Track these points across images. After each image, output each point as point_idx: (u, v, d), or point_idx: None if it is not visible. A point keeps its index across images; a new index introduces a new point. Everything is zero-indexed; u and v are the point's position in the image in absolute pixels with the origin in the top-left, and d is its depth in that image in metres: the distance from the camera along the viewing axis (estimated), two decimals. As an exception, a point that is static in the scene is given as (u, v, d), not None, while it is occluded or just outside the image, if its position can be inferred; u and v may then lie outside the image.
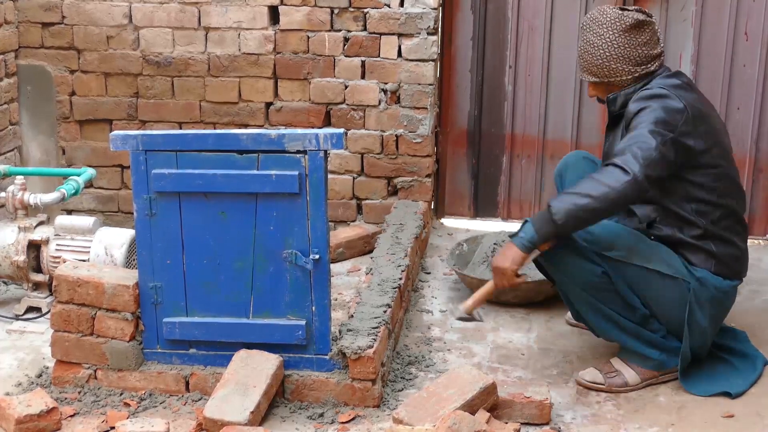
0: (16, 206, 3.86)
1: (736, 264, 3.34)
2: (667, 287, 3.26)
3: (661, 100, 3.18)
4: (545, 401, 3.06)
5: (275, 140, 3.02)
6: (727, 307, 3.39)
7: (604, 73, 3.34)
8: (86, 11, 4.60)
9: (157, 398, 3.20)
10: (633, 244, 3.25)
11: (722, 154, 3.26)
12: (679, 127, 3.13)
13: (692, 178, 3.20)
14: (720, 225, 3.26)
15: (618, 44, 3.29)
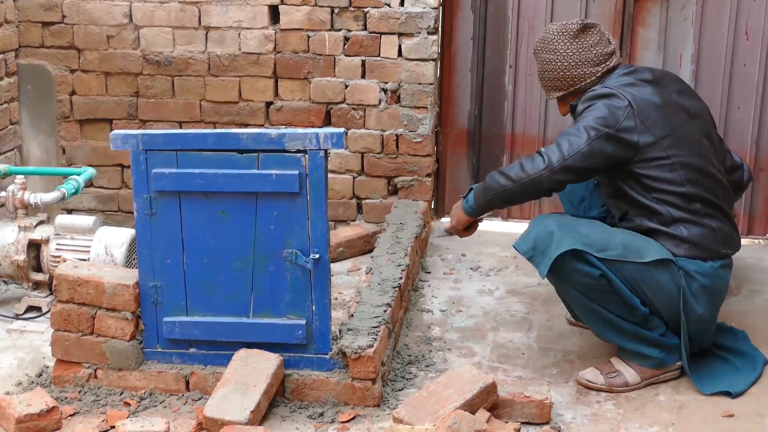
0: (17, 205, 3.86)
1: (712, 243, 3.30)
2: (663, 277, 3.26)
3: (605, 99, 3.28)
4: (545, 401, 3.06)
5: (275, 140, 3.02)
6: (718, 289, 3.34)
7: (568, 84, 3.44)
8: (86, 11, 4.60)
9: (158, 398, 3.20)
10: (625, 241, 3.26)
11: (677, 143, 3.27)
12: (621, 124, 3.22)
13: (644, 170, 3.26)
14: (686, 210, 3.28)
15: (572, 51, 3.41)
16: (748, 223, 4.67)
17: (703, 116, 3.43)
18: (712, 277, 3.29)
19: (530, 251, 3.23)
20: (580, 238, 3.20)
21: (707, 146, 3.37)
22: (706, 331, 3.36)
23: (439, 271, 4.34)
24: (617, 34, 4.52)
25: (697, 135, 3.35)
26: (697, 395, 3.28)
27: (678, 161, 3.26)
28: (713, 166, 3.35)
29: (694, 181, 3.27)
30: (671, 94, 3.37)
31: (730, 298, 4.05)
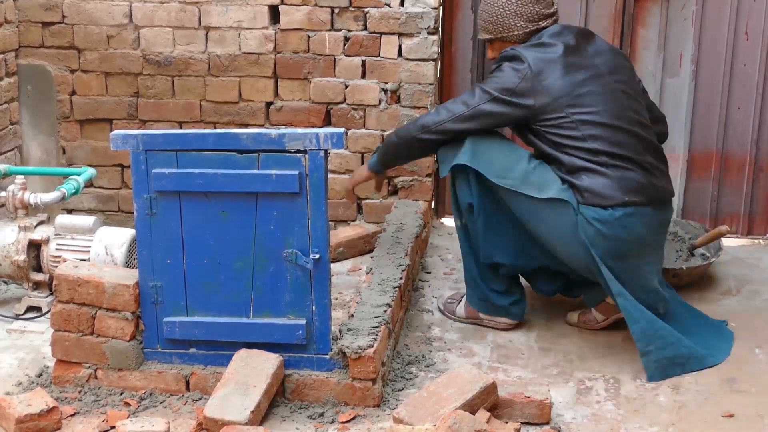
0: (17, 206, 3.86)
1: (612, 191, 3.38)
2: (560, 218, 3.41)
3: (509, 62, 3.47)
4: (545, 401, 3.06)
5: (275, 140, 3.02)
6: (621, 237, 3.38)
7: (497, 29, 3.61)
8: (86, 11, 4.60)
9: (158, 398, 3.20)
10: (528, 173, 3.45)
11: (577, 101, 3.41)
12: (517, 86, 3.42)
13: (545, 128, 3.43)
14: (590, 161, 3.40)
15: (512, 1, 3.57)
16: (748, 223, 4.67)
17: (615, 72, 3.54)
18: (611, 225, 3.37)
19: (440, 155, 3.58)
20: (483, 158, 3.45)
21: (619, 100, 3.48)
22: (632, 283, 3.44)
23: (439, 271, 4.34)
24: (617, 34, 4.52)
25: (607, 89, 3.47)
26: (696, 395, 3.28)
27: (578, 119, 3.40)
28: (627, 120, 3.47)
29: (597, 136, 3.40)
30: (582, 54, 3.51)
31: (730, 298, 4.06)
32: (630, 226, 3.39)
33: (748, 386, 3.35)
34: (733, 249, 4.55)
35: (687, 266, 4.10)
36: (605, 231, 3.36)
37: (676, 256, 4.22)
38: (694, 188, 4.66)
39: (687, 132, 4.60)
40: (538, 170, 3.45)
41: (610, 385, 3.35)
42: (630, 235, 3.40)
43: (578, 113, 3.41)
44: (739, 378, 3.40)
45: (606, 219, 3.36)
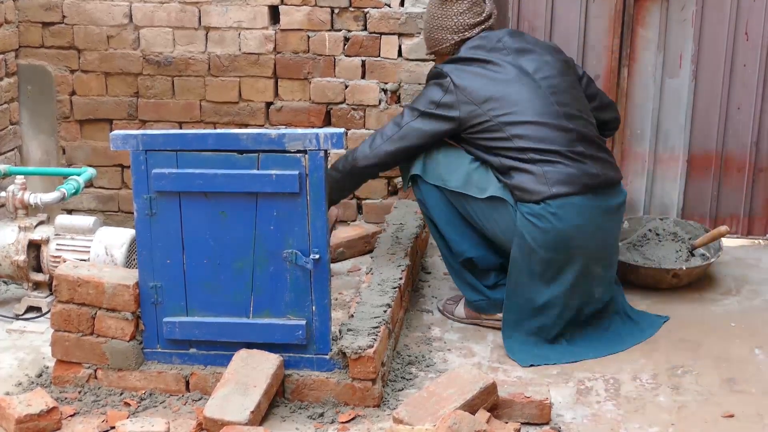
0: (17, 206, 3.86)
1: (539, 185, 3.46)
2: (500, 216, 3.54)
3: (434, 79, 3.62)
4: (545, 401, 3.06)
5: (275, 140, 3.02)
6: (558, 228, 3.45)
7: (431, 44, 3.78)
8: (86, 11, 4.60)
9: (158, 398, 3.20)
10: (470, 175, 3.57)
11: (500, 106, 3.52)
12: (441, 100, 3.55)
13: (474, 135, 3.55)
14: (518, 159, 3.50)
15: (437, 15, 3.72)
16: (747, 224, 4.67)
17: (540, 70, 3.62)
18: (546, 218, 3.45)
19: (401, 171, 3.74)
20: (430, 165, 3.61)
21: (540, 97, 3.56)
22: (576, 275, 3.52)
23: (439, 271, 4.34)
24: (617, 34, 4.52)
25: (527, 90, 3.55)
26: (696, 396, 3.28)
27: (501, 121, 3.51)
28: (552, 115, 3.54)
29: (522, 135, 3.50)
30: (503, 58, 3.61)
31: (730, 298, 4.06)
32: (564, 216, 3.46)
33: (748, 386, 3.35)
34: (732, 249, 4.55)
35: (687, 266, 4.10)
36: (541, 225, 3.45)
37: (676, 256, 4.22)
38: (693, 188, 4.66)
39: (687, 132, 4.60)
40: (478, 171, 3.58)
41: (609, 386, 3.35)
42: (565, 225, 3.46)
43: (501, 115, 3.52)
44: (739, 378, 3.40)
45: (539, 213, 3.46)
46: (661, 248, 4.24)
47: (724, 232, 4.19)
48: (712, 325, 3.81)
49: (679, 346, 3.63)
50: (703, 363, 3.51)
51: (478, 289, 3.72)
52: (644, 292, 4.03)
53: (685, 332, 3.74)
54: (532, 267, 3.51)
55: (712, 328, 3.78)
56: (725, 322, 3.84)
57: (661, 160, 4.64)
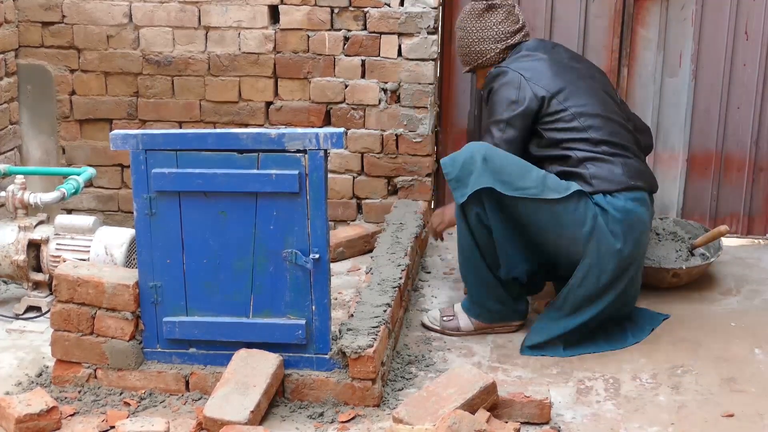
0: (16, 205, 3.86)
1: (619, 176, 3.49)
2: (579, 210, 3.46)
3: (499, 79, 3.63)
4: (545, 401, 3.06)
5: (275, 139, 3.02)
6: (632, 223, 3.48)
7: (473, 59, 3.81)
8: (86, 10, 4.60)
9: (157, 397, 3.20)
10: (544, 178, 3.48)
11: (572, 96, 3.56)
12: (518, 98, 3.56)
13: (546, 127, 3.56)
14: (592, 151, 3.51)
15: (476, 28, 3.78)
16: (748, 223, 4.67)
17: (596, 77, 3.75)
18: (623, 210, 3.46)
19: (454, 176, 3.50)
20: (500, 175, 3.45)
21: (605, 98, 3.66)
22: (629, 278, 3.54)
23: (439, 271, 4.34)
24: (617, 34, 4.52)
25: (593, 88, 3.65)
26: (696, 395, 3.28)
27: (576, 111, 3.54)
28: (615, 114, 3.61)
29: (596, 127, 3.53)
30: (562, 59, 3.71)
31: (730, 298, 4.06)
32: (637, 211, 3.50)
33: (748, 386, 3.35)
34: (732, 249, 4.55)
35: (687, 266, 4.10)
36: (619, 216, 3.45)
37: (676, 256, 4.22)
38: (693, 188, 4.66)
39: (687, 132, 4.60)
40: (549, 176, 3.50)
41: (609, 385, 3.35)
42: (637, 222, 3.50)
43: (575, 105, 3.55)
44: (739, 378, 3.40)
45: (617, 204, 3.46)
46: (661, 248, 4.24)
47: (724, 231, 4.19)
48: (712, 325, 3.81)
49: (679, 346, 3.63)
50: (703, 363, 3.51)
51: (503, 301, 3.66)
52: (644, 291, 4.02)
53: (685, 332, 3.74)
54: (605, 266, 3.48)
55: (712, 328, 3.78)
56: (725, 321, 3.84)
57: (660, 160, 4.65)
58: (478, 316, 3.70)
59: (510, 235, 3.54)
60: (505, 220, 3.52)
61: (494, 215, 3.51)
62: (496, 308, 3.67)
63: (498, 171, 3.45)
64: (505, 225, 3.53)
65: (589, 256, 3.49)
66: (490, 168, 3.45)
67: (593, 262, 3.50)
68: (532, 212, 3.48)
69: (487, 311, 3.68)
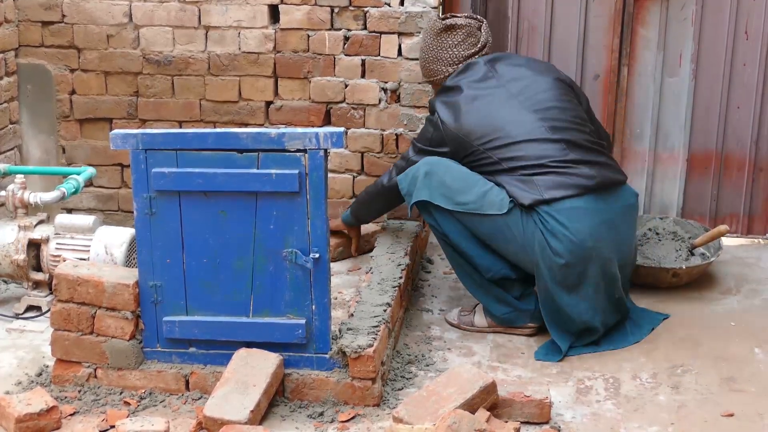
0: (16, 205, 3.86)
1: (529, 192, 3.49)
2: (523, 223, 3.48)
3: (429, 114, 3.74)
4: (545, 400, 3.06)
5: (275, 139, 3.02)
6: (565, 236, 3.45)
7: (427, 74, 3.91)
8: (86, 10, 4.60)
9: (157, 397, 3.20)
10: (485, 192, 3.53)
11: (486, 132, 3.57)
12: (432, 137, 3.67)
13: (467, 163, 3.61)
14: (511, 177, 3.53)
15: (433, 47, 3.84)
16: (747, 223, 4.67)
17: (529, 88, 3.68)
18: (555, 225, 3.46)
19: (405, 190, 3.66)
20: (439, 188, 3.55)
21: (525, 116, 3.60)
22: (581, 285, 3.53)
23: (438, 270, 4.34)
24: (617, 34, 4.52)
25: (510, 112, 3.61)
26: (695, 395, 3.28)
27: (487, 148, 3.56)
28: (535, 132, 3.57)
29: (510, 158, 3.54)
30: (489, 83, 3.68)
31: (730, 298, 4.06)
32: (570, 221, 3.46)
33: (748, 386, 3.35)
34: (732, 248, 4.55)
35: (687, 266, 4.10)
36: (552, 232, 3.45)
37: (675, 256, 4.22)
38: (693, 188, 4.66)
39: (687, 132, 4.60)
40: (493, 190, 3.54)
41: (609, 385, 3.35)
42: (575, 229, 3.45)
43: (486, 143, 3.57)
44: (738, 377, 3.40)
45: (549, 220, 3.45)
46: (660, 247, 4.24)
47: (724, 231, 4.19)
48: (711, 325, 3.81)
49: (678, 346, 3.63)
50: (703, 362, 3.51)
51: (506, 302, 3.66)
52: (644, 291, 4.03)
53: (685, 331, 3.74)
54: (554, 276, 3.49)
55: (711, 328, 3.78)
56: (725, 321, 3.85)
57: (660, 160, 4.65)
58: (492, 317, 3.71)
59: (469, 239, 3.60)
60: (459, 228, 3.59)
61: (446, 224, 3.60)
62: (501, 311, 3.66)
63: (439, 185, 3.56)
64: (460, 231, 3.59)
65: (540, 268, 3.51)
66: (432, 182, 3.57)
67: (545, 275, 3.51)
68: (475, 225, 3.56)
69: (496, 314, 3.68)
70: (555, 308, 3.55)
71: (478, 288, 3.68)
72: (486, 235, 3.57)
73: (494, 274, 3.63)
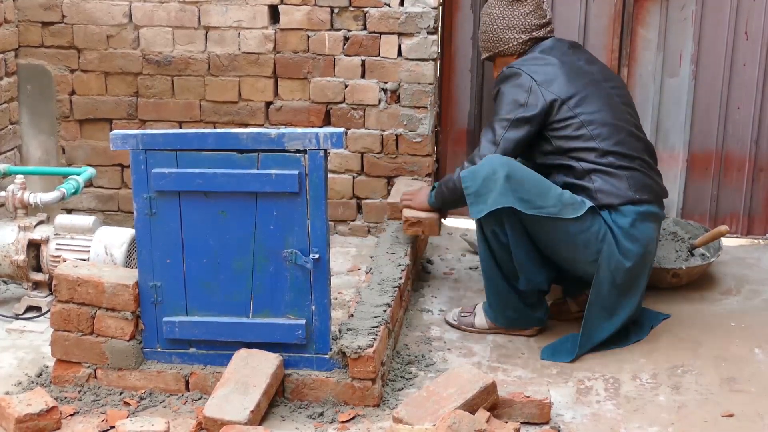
0: (16, 205, 3.86)
1: (624, 190, 3.48)
2: (594, 226, 3.45)
3: (509, 81, 3.60)
4: (545, 400, 3.06)
5: (275, 139, 3.02)
6: (637, 236, 3.48)
7: (494, 45, 3.78)
8: (86, 10, 4.60)
9: (157, 397, 3.20)
10: (562, 197, 3.45)
11: (583, 102, 3.53)
12: (526, 101, 3.53)
13: (554, 133, 3.54)
14: (598, 163, 3.50)
15: (503, 16, 3.74)
16: (747, 223, 4.67)
17: (610, 82, 3.70)
18: (629, 227, 3.46)
19: (474, 190, 3.44)
20: (520, 192, 3.39)
21: (618, 104, 3.60)
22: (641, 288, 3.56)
23: (439, 271, 4.34)
24: (617, 34, 4.52)
25: (605, 94, 3.62)
26: (696, 395, 3.28)
27: (586, 119, 3.52)
28: (626, 121, 3.59)
29: (605, 137, 3.51)
30: (577, 63, 3.66)
31: (730, 298, 4.06)
32: (646, 226, 3.50)
33: (748, 386, 3.35)
34: (732, 249, 4.55)
35: (687, 266, 4.10)
36: (625, 226, 3.46)
37: (675, 256, 4.22)
38: (693, 188, 4.66)
39: (687, 132, 4.60)
40: (566, 193, 3.47)
41: (609, 385, 3.35)
42: (648, 235, 3.50)
43: (584, 113, 3.52)
44: (739, 378, 3.40)
45: (627, 223, 3.46)
46: (660, 248, 4.24)
47: (724, 231, 4.19)
48: (711, 325, 3.81)
49: (678, 346, 3.63)
50: (703, 362, 3.51)
51: (519, 310, 3.65)
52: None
53: (685, 332, 3.74)
54: (614, 278, 3.49)
55: (711, 328, 3.78)
56: (725, 321, 3.85)
57: (660, 160, 4.61)
58: (495, 320, 3.70)
59: (527, 251, 3.52)
60: (521, 236, 3.49)
61: (512, 232, 3.48)
62: (512, 316, 3.67)
63: (518, 189, 3.39)
64: (521, 241, 3.50)
65: (602, 270, 3.49)
66: (512, 186, 3.38)
67: (605, 278, 3.50)
68: (549, 230, 3.46)
69: (503, 318, 3.68)
70: (600, 312, 3.54)
71: (501, 297, 3.63)
72: (553, 239, 3.49)
73: (532, 287, 3.58)
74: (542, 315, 3.69)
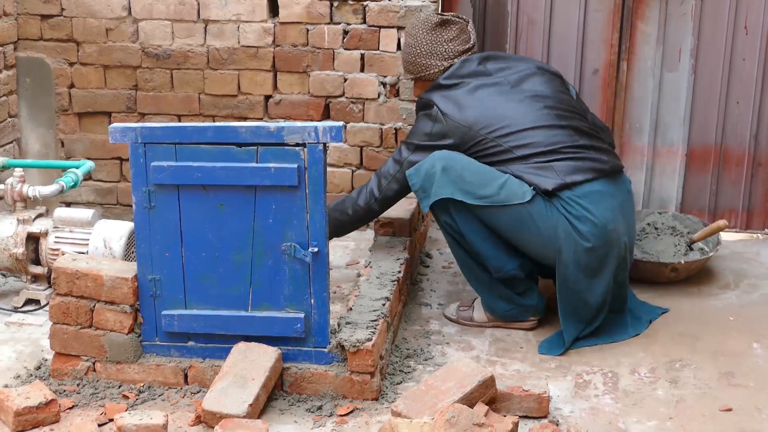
0: (15, 198, 3.86)
1: (550, 178, 3.48)
2: (548, 210, 3.47)
3: (422, 111, 3.66)
4: (543, 394, 3.06)
5: (274, 133, 3.02)
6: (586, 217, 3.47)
7: (417, 69, 3.77)
8: (85, 3, 4.60)
9: (156, 391, 3.20)
10: (506, 184, 3.48)
11: (491, 121, 3.53)
12: (432, 131, 3.58)
13: (473, 155, 3.55)
14: (525, 165, 3.50)
15: (426, 42, 3.73)
16: (746, 218, 4.68)
17: (521, 82, 3.66)
18: (578, 209, 3.47)
19: (418, 186, 3.53)
20: (459, 183, 3.46)
21: (526, 105, 3.59)
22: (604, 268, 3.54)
23: (437, 264, 4.35)
24: (617, 29, 4.52)
25: (512, 103, 3.58)
26: (694, 390, 3.28)
27: (495, 137, 3.52)
28: (543, 118, 3.57)
29: (521, 145, 3.51)
30: (484, 76, 3.65)
31: (728, 293, 4.06)
32: (592, 204, 3.48)
33: (746, 380, 3.35)
34: (731, 243, 4.55)
35: (685, 260, 4.10)
36: (577, 216, 3.46)
37: (674, 251, 4.22)
38: (692, 183, 4.66)
39: (686, 126, 4.60)
40: (510, 180, 3.50)
41: (608, 379, 3.36)
42: (598, 212, 3.48)
43: (494, 131, 3.53)
44: (737, 372, 3.40)
45: (572, 205, 3.47)
46: (659, 242, 4.25)
47: (723, 226, 4.19)
48: (710, 319, 3.82)
49: (677, 340, 3.64)
50: (702, 357, 3.51)
51: (510, 299, 3.65)
52: (643, 286, 4.04)
53: (684, 326, 3.75)
54: (579, 261, 3.49)
55: (710, 322, 3.79)
56: (723, 316, 3.85)
57: (660, 154, 4.65)
58: (492, 312, 3.71)
59: (483, 238, 3.55)
60: (474, 226, 3.54)
61: (463, 222, 3.53)
62: (504, 307, 3.66)
63: (457, 180, 3.47)
64: (475, 230, 3.54)
65: (564, 254, 3.50)
66: (450, 178, 3.48)
67: (569, 260, 3.51)
68: (500, 217, 3.50)
69: (497, 310, 3.68)
70: (572, 295, 3.54)
71: (484, 287, 3.66)
72: (507, 227, 3.52)
73: (504, 274, 3.60)
74: (535, 302, 3.68)
